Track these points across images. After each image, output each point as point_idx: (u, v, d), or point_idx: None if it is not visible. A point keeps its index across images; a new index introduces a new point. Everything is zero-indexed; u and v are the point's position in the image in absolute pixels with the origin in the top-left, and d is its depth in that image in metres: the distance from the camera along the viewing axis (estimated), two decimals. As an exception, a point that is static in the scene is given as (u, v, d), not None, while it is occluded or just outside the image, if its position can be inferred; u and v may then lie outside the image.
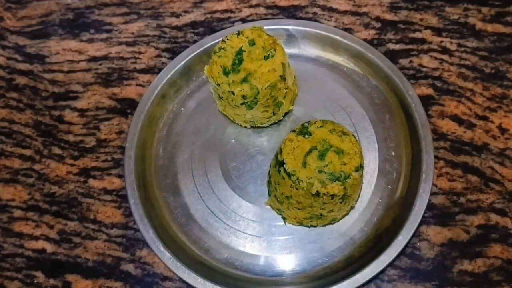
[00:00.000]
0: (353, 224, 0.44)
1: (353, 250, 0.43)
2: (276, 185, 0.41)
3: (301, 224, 0.44)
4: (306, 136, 0.40)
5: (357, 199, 0.44)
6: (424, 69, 0.51)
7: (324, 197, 0.38)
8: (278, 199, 0.42)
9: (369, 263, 0.40)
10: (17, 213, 0.46)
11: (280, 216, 0.44)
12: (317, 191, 0.37)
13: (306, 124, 0.41)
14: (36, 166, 0.48)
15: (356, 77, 0.50)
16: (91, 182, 0.47)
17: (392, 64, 0.49)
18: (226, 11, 0.56)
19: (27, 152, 0.49)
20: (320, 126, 0.40)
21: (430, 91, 0.50)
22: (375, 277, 0.40)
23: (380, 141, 0.47)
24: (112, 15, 0.57)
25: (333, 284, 0.39)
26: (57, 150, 0.49)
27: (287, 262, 0.43)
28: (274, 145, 0.47)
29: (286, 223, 0.44)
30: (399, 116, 0.48)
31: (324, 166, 0.38)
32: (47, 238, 0.45)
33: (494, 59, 0.51)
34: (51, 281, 0.43)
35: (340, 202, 0.40)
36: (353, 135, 0.40)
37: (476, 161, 0.46)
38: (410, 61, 0.51)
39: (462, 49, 0.52)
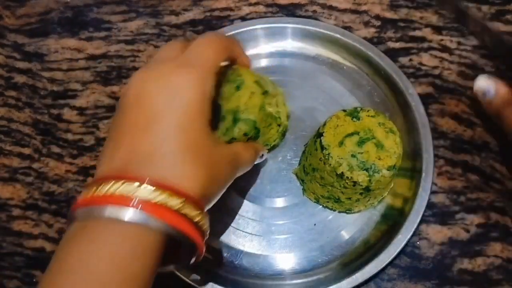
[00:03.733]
0: (352, 223, 0.44)
1: (352, 249, 0.43)
2: (308, 154, 0.42)
3: (317, 202, 0.44)
4: (354, 119, 0.40)
5: (381, 201, 0.44)
6: (424, 68, 0.51)
7: (347, 181, 0.38)
8: (306, 169, 0.43)
9: (368, 262, 0.40)
10: (16, 211, 0.46)
11: (302, 187, 0.45)
12: (342, 172, 0.38)
13: (358, 109, 0.41)
14: (35, 165, 0.48)
15: (356, 76, 0.50)
16: (90, 181, 0.47)
17: (392, 63, 0.49)
18: (225, 9, 0.56)
19: (26, 150, 0.49)
20: (372, 116, 0.40)
21: (430, 89, 0.49)
22: (375, 276, 0.40)
23: (380, 140, 0.47)
24: (111, 13, 0.57)
25: (332, 283, 0.39)
26: (56, 149, 0.49)
27: (286, 261, 0.43)
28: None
29: (305, 195, 0.45)
30: (399, 114, 0.48)
31: (358, 153, 0.38)
32: (46, 237, 0.45)
33: (494, 57, 0.51)
34: (50, 280, 0.43)
35: (361, 193, 0.40)
36: (399, 137, 0.40)
37: (476, 159, 0.46)
38: (410, 60, 0.51)
39: (462, 47, 0.52)
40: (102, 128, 0.50)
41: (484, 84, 0.43)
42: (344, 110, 0.41)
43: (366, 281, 0.40)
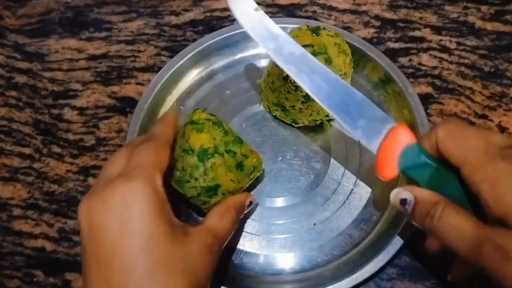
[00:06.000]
0: (352, 222, 0.44)
1: (352, 248, 0.43)
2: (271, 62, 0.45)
3: (269, 111, 0.48)
4: (314, 35, 0.42)
5: (322, 121, 0.46)
6: (424, 68, 0.51)
7: (290, 85, 0.41)
8: (265, 78, 0.46)
9: (368, 261, 0.40)
10: (17, 211, 0.46)
11: (261, 98, 0.49)
12: (287, 75, 0.40)
13: (321, 27, 0.44)
14: (36, 165, 0.48)
15: (356, 76, 0.50)
16: (91, 180, 0.47)
17: (391, 63, 0.49)
18: (225, 9, 0.56)
19: (27, 150, 0.49)
20: (331, 36, 0.43)
21: (429, 89, 0.50)
22: (375, 275, 0.40)
23: (380, 140, 0.47)
24: (112, 13, 0.57)
25: (332, 282, 0.39)
26: (56, 149, 0.49)
27: (286, 261, 0.43)
28: (272, 144, 0.47)
29: (261, 104, 0.49)
30: (399, 114, 0.48)
31: None
32: (47, 237, 0.45)
33: (493, 57, 0.51)
34: (51, 279, 0.43)
35: (302, 102, 0.43)
36: (350, 60, 0.43)
37: (476, 159, 0.46)
38: (410, 60, 0.51)
39: (462, 47, 0.52)
40: (103, 128, 0.50)
41: (402, 196, 0.35)
42: (308, 26, 0.43)
43: (366, 281, 0.40)
